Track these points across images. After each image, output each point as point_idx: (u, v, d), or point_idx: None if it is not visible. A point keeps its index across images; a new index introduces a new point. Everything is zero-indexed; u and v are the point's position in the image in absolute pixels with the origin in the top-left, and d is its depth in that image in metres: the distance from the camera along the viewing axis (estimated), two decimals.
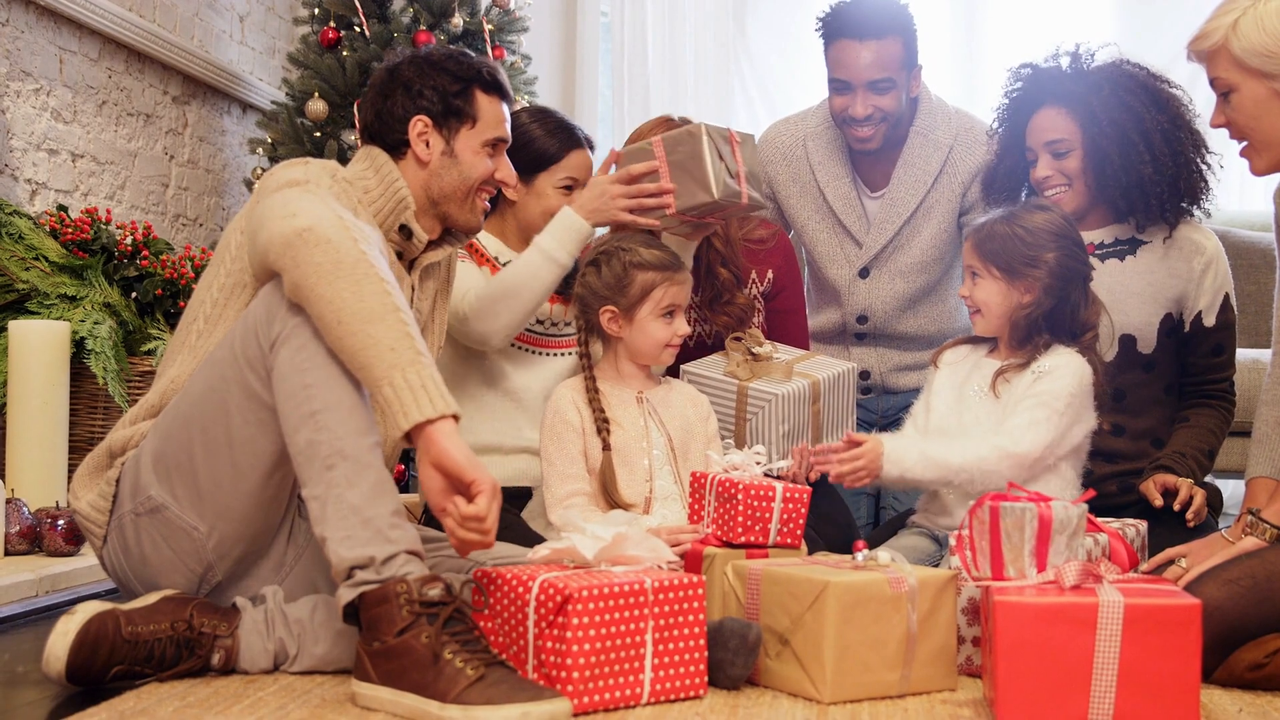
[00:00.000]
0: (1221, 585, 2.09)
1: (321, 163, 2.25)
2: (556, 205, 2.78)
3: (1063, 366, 2.50)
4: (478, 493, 1.90)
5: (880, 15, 3.07)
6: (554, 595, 1.90)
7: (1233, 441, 3.91)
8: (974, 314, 2.60)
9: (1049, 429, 2.46)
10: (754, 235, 3.07)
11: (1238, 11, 2.28)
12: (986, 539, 1.97)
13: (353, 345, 1.91)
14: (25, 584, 2.56)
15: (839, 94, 3.12)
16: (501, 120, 2.41)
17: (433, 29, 4.22)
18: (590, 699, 1.89)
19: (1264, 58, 2.26)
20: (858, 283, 3.26)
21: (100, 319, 3.26)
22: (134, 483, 2.11)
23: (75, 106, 3.76)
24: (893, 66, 3.08)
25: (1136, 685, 1.81)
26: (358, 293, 1.91)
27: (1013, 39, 5.21)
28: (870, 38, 3.05)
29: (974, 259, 2.57)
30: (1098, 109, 2.74)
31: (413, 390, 1.89)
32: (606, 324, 2.55)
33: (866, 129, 3.12)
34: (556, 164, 2.83)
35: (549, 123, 2.86)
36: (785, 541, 2.30)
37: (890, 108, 3.11)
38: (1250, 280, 4.36)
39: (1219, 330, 2.83)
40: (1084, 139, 2.76)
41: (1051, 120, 2.79)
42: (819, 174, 3.25)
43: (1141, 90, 2.77)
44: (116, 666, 1.97)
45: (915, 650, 2.02)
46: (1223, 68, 2.31)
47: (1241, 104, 2.31)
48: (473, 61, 2.39)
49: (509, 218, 2.89)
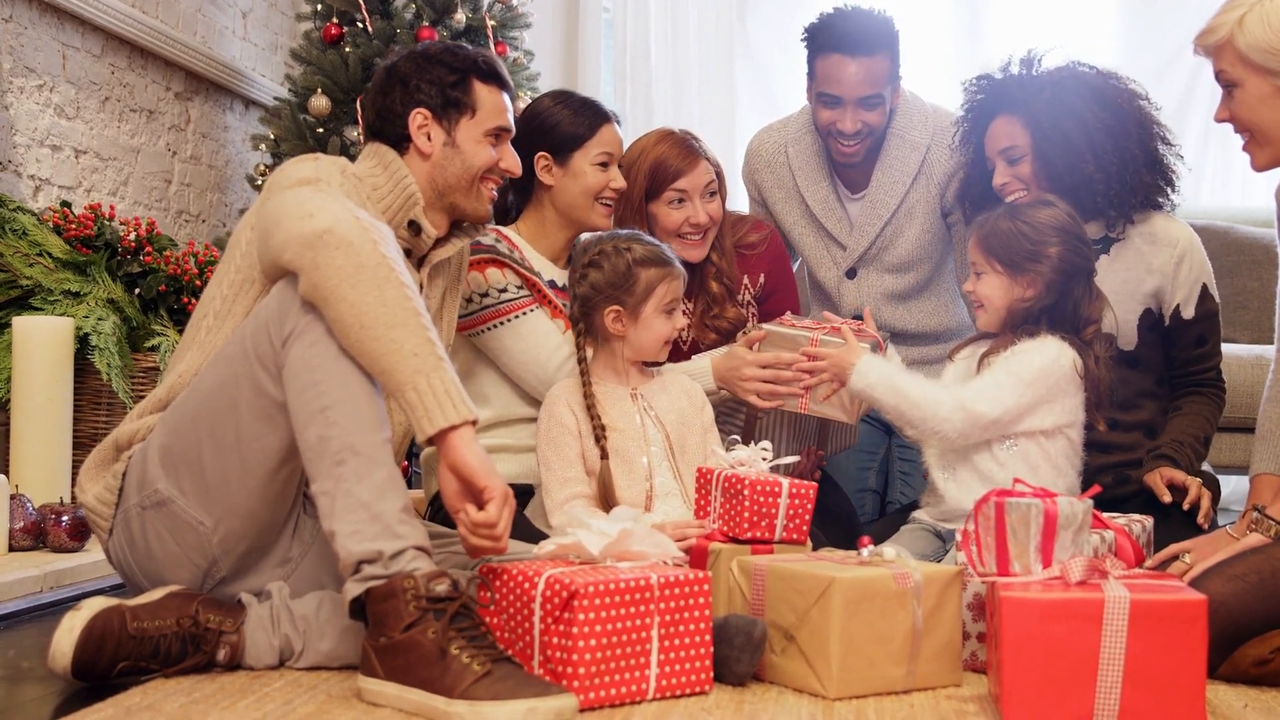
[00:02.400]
0: (1227, 581, 2.09)
1: (331, 159, 2.26)
2: (595, 182, 2.80)
3: (1039, 346, 2.51)
4: (489, 499, 1.94)
5: (872, 31, 3.07)
6: (560, 591, 1.90)
7: (1235, 438, 3.92)
8: (977, 308, 2.61)
9: (1010, 394, 2.48)
10: (746, 240, 3.08)
11: (1244, 7, 2.29)
12: (992, 534, 1.97)
13: (375, 349, 1.93)
14: (29, 580, 2.57)
15: (827, 108, 3.12)
16: (502, 109, 2.41)
17: (435, 25, 4.21)
18: (596, 694, 1.89)
19: (1268, 54, 2.27)
20: (846, 284, 3.28)
21: (104, 315, 3.26)
22: (140, 476, 2.12)
23: (78, 103, 3.76)
24: (881, 83, 3.09)
25: (1142, 681, 1.81)
26: (380, 297, 1.93)
27: (1016, 39, 5.19)
28: (863, 54, 3.06)
29: (977, 255, 2.58)
30: (1041, 113, 2.76)
31: (436, 396, 1.92)
32: (610, 324, 2.54)
33: (853, 144, 3.13)
34: (589, 140, 2.82)
35: (573, 102, 2.86)
36: (791, 537, 2.29)
37: (877, 123, 3.13)
38: (1253, 276, 4.36)
39: (1200, 321, 2.82)
40: (1031, 143, 2.77)
41: (1004, 128, 2.81)
42: (800, 179, 3.27)
43: (1086, 90, 2.78)
44: (122, 662, 1.97)
45: (920, 646, 2.03)
46: (1227, 62, 2.32)
47: (1245, 99, 2.32)
48: (469, 53, 2.40)
49: (546, 205, 2.87)
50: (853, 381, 2.53)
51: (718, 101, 5.41)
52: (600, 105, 2.88)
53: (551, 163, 2.82)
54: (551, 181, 2.83)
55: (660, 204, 2.92)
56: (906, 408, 2.50)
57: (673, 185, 2.90)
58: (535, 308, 2.77)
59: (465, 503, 1.96)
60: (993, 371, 2.51)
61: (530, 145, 2.79)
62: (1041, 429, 2.51)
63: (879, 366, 2.54)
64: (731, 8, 5.44)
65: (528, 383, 2.77)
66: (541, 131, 2.83)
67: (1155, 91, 2.95)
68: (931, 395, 2.49)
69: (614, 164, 2.84)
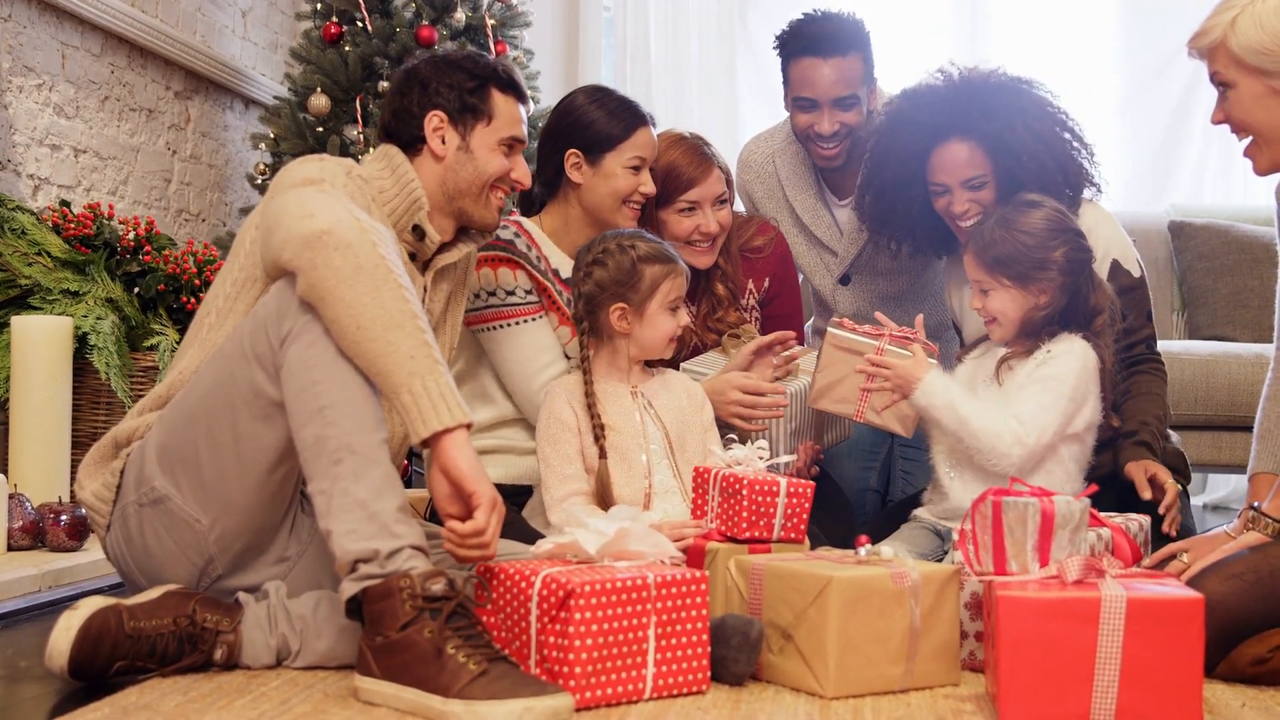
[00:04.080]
0: (1224, 580, 2.09)
1: (337, 160, 2.27)
2: (625, 185, 2.77)
3: (1067, 351, 2.49)
4: (477, 505, 1.95)
5: (842, 32, 3.08)
6: (556, 590, 1.90)
7: (1235, 436, 3.93)
8: (989, 323, 2.56)
9: (1055, 414, 2.45)
10: (752, 244, 3.07)
11: (1237, 9, 2.29)
12: (989, 533, 1.97)
13: (371, 351, 1.93)
14: (28, 579, 2.57)
15: (804, 112, 3.13)
16: (517, 120, 2.42)
17: (435, 24, 4.21)
18: (593, 694, 1.89)
19: (1262, 55, 2.27)
20: (840, 290, 3.29)
21: (103, 314, 3.26)
22: (138, 473, 2.12)
23: (78, 102, 3.76)
24: (856, 82, 3.10)
25: (1139, 680, 1.81)
26: (377, 298, 1.93)
27: (1016, 39, 5.21)
28: (834, 55, 3.06)
29: (980, 273, 2.53)
30: (1011, 143, 2.70)
31: (431, 399, 1.93)
32: (615, 321, 2.53)
33: (832, 146, 3.13)
34: (624, 143, 2.77)
35: (610, 101, 2.81)
36: (789, 536, 2.29)
37: (855, 123, 3.12)
38: (1253, 275, 4.36)
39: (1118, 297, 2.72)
40: (994, 169, 2.72)
41: (961, 154, 2.73)
42: (788, 189, 3.27)
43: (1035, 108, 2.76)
44: (119, 662, 1.97)
45: (918, 645, 2.02)
46: (1221, 64, 2.32)
47: (1239, 100, 2.32)
48: (489, 61, 2.42)
49: (572, 203, 2.83)
50: (916, 397, 2.48)
51: (719, 101, 5.40)
52: (638, 107, 2.83)
53: (582, 161, 2.78)
54: (580, 180, 2.79)
55: (670, 211, 2.91)
56: (966, 436, 2.45)
57: (684, 195, 2.89)
58: (539, 316, 2.76)
59: (455, 506, 1.97)
60: (1030, 390, 2.47)
61: (561, 141, 2.78)
62: (1071, 433, 2.50)
63: (945, 387, 2.48)
64: (733, 6, 5.42)
65: (511, 391, 2.78)
66: (575, 128, 2.79)
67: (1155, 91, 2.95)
68: (992, 427, 2.43)
69: (646, 168, 2.80)
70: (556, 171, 2.80)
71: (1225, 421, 3.96)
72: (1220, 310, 4.38)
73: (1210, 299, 4.41)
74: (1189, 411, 3.92)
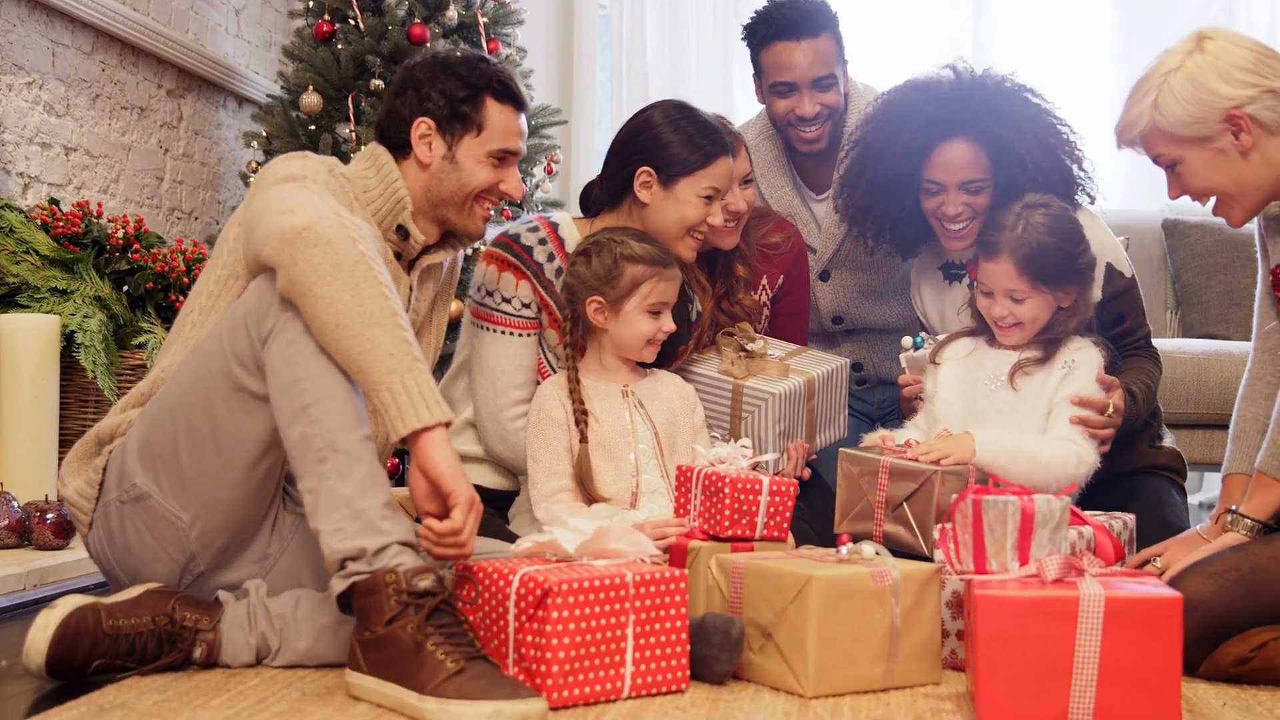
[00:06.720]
0: (1206, 579, 2.09)
1: (320, 158, 2.26)
2: (694, 215, 2.65)
3: (1087, 360, 2.49)
4: (454, 504, 1.95)
5: (812, 12, 3.07)
6: (534, 589, 1.90)
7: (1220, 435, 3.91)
8: (1010, 328, 2.51)
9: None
10: (769, 240, 3.03)
11: (1153, 92, 2.30)
12: (969, 532, 1.97)
13: (351, 348, 1.93)
14: (13, 577, 2.57)
15: (783, 97, 3.11)
16: (512, 132, 2.39)
17: (427, 22, 4.20)
18: (570, 693, 1.89)
19: (1194, 124, 2.27)
20: (821, 286, 3.26)
21: (91, 313, 3.26)
22: (120, 470, 2.12)
23: (68, 100, 3.76)
24: (832, 61, 3.08)
25: (1118, 679, 1.80)
26: (357, 295, 1.93)
27: (1016, 39, 5.20)
28: (807, 36, 3.05)
29: (1020, 282, 2.47)
30: (1019, 150, 2.67)
31: (410, 396, 1.92)
32: (592, 314, 2.53)
33: (814, 128, 3.10)
34: (701, 171, 2.65)
35: (692, 125, 2.68)
36: (772, 534, 2.29)
37: (835, 104, 3.10)
38: (1248, 273, 4.30)
39: (1111, 301, 2.73)
40: (996, 176, 2.69)
41: (965, 156, 2.69)
42: (764, 184, 3.23)
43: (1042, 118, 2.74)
44: (97, 660, 1.97)
45: (899, 644, 2.02)
46: (1161, 145, 2.33)
47: (1192, 171, 2.32)
48: (488, 69, 2.37)
49: (635, 219, 2.69)
50: (979, 455, 2.36)
51: (715, 98, 5.38)
52: (721, 135, 2.69)
53: (654, 181, 2.65)
54: (648, 199, 2.66)
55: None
56: (1038, 470, 2.39)
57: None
58: (526, 334, 2.68)
59: (433, 504, 1.97)
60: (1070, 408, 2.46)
61: (634, 156, 2.66)
62: None
63: (996, 436, 2.41)
64: (729, 3, 5.41)
65: (474, 394, 2.71)
66: (651, 146, 2.66)
67: None
68: (1058, 454, 2.41)
69: (719, 199, 2.69)
70: (624, 185, 2.68)
71: (1218, 420, 3.94)
72: (1214, 309, 4.37)
73: (1204, 297, 4.40)
74: (1182, 410, 3.91)
